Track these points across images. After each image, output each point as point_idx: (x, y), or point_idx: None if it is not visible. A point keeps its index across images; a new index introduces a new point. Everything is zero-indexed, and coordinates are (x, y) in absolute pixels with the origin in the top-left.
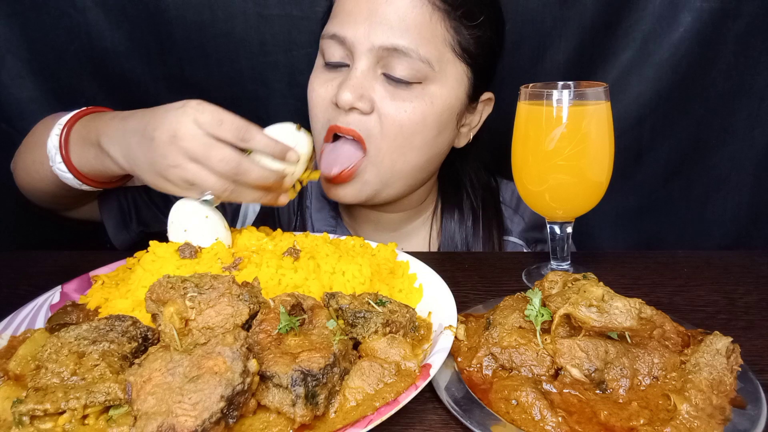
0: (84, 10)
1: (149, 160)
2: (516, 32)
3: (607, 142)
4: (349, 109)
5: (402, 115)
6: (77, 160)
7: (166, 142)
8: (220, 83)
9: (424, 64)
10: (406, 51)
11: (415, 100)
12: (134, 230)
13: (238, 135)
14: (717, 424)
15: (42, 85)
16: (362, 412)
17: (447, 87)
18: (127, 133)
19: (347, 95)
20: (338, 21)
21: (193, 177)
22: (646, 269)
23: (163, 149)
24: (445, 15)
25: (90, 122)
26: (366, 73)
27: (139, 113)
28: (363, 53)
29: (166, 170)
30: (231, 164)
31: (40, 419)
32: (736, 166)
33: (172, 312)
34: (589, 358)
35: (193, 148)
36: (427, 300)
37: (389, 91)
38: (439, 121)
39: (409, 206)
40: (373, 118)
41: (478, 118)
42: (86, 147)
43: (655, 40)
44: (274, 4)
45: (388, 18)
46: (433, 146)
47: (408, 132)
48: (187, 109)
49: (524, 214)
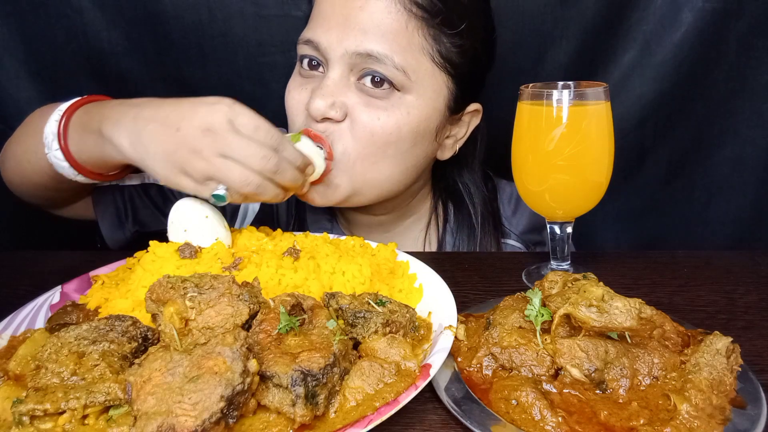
0: (81, 10)
1: (168, 149)
2: (516, 32)
3: (607, 142)
4: (321, 120)
5: (375, 123)
6: (75, 147)
7: (197, 135)
8: (218, 83)
9: (399, 72)
10: (380, 57)
11: (390, 109)
12: (129, 230)
13: (272, 143)
14: (717, 424)
15: (39, 86)
16: (362, 412)
17: (425, 98)
18: (140, 120)
19: (318, 103)
20: (313, 26)
21: (218, 170)
22: (646, 269)
23: (191, 141)
24: (422, 23)
25: (93, 108)
26: (338, 81)
27: (156, 101)
28: (336, 59)
29: (187, 162)
30: (273, 161)
31: (40, 419)
32: (738, 167)
33: (172, 312)
34: (589, 358)
35: (229, 143)
36: (427, 300)
37: (363, 99)
38: (414, 132)
39: (396, 208)
40: (344, 125)
41: (465, 130)
42: (86, 133)
43: (656, 40)
44: (272, 5)
45: (362, 24)
46: (408, 157)
47: (380, 141)
48: (222, 106)
49: (522, 217)
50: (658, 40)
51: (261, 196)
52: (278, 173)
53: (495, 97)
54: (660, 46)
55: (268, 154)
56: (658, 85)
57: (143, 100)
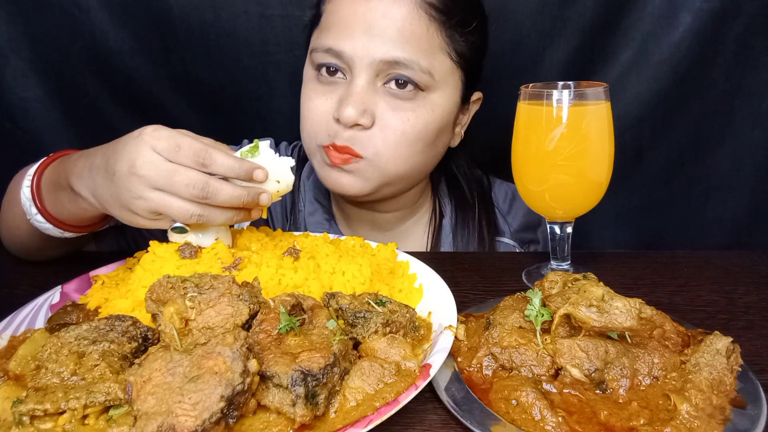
0: (88, 9)
1: (113, 194)
2: (516, 32)
3: (607, 142)
4: (351, 126)
5: (405, 125)
6: (51, 207)
7: (126, 174)
8: (223, 82)
9: (425, 75)
10: (408, 63)
11: (417, 110)
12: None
13: (197, 160)
14: (717, 424)
15: (46, 85)
16: (362, 412)
17: (446, 94)
18: (93, 171)
19: (350, 111)
20: (333, 34)
21: (157, 206)
22: (646, 269)
23: (124, 182)
24: (441, 25)
25: (58, 166)
26: (366, 88)
27: (102, 148)
28: (363, 67)
29: (130, 203)
30: (198, 186)
31: (40, 419)
32: (736, 166)
33: (172, 312)
34: (589, 358)
35: (153, 176)
36: (427, 300)
37: (390, 104)
38: (439, 127)
39: (404, 206)
40: (374, 132)
41: (467, 117)
42: (58, 192)
43: (654, 40)
44: (277, 5)
45: (386, 31)
46: (432, 148)
47: (411, 140)
48: (144, 137)
49: (517, 215)
50: (656, 39)
51: (212, 223)
52: (210, 197)
53: (495, 96)
54: (658, 46)
55: (191, 180)
56: (656, 85)
57: (96, 149)
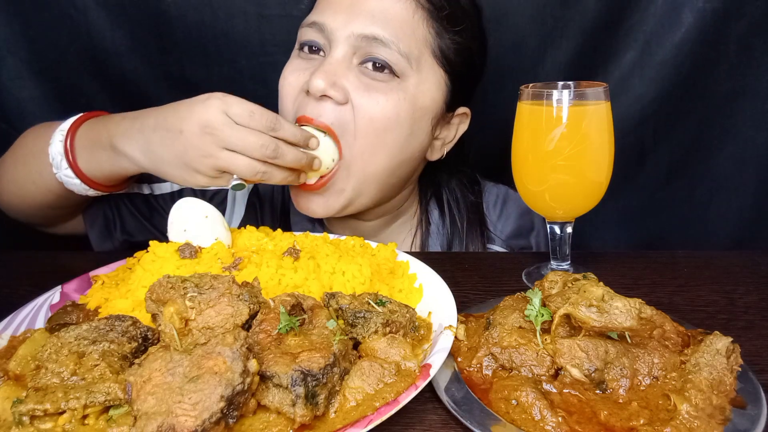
0: (85, 10)
1: (176, 153)
2: (516, 32)
3: (607, 142)
4: (320, 97)
5: (375, 108)
6: (85, 164)
7: (197, 133)
8: (220, 83)
9: (402, 58)
10: (386, 42)
11: (390, 93)
12: (118, 239)
13: (269, 125)
14: (717, 424)
15: (42, 85)
16: (362, 412)
17: (423, 87)
18: (146, 130)
19: (319, 81)
20: (320, 9)
21: (225, 164)
22: (646, 269)
23: (194, 140)
24: (428, 15)
25: (96, 125)
26: (341, 61)
27: (154, 110)
28: (341, 41)
29: (196, 161)
30: (270, 147)
31: (40, 419)
32: (738, 167)
33: (172, 312)
34: (589, 358)
35: (227, 136)
36: (427, 300)
37: (364, 83)
38: (412, 119)
39: (385, 213)
40: (347, 110)
41: (453, 133)
42: (96, 150)
43: (657, 40)
44: (274, 5)
45: (370, 8)
46: (404, 148)
47: (380, 127)
48: (214, 101)
49: (508, 221)
50: (658, 40)
51: (270, 180)
52: (279, 158)
53: (495, 97)
54: (660, 47)
55: (265, 142)
56: (658, 85)
57: (143, 111)
